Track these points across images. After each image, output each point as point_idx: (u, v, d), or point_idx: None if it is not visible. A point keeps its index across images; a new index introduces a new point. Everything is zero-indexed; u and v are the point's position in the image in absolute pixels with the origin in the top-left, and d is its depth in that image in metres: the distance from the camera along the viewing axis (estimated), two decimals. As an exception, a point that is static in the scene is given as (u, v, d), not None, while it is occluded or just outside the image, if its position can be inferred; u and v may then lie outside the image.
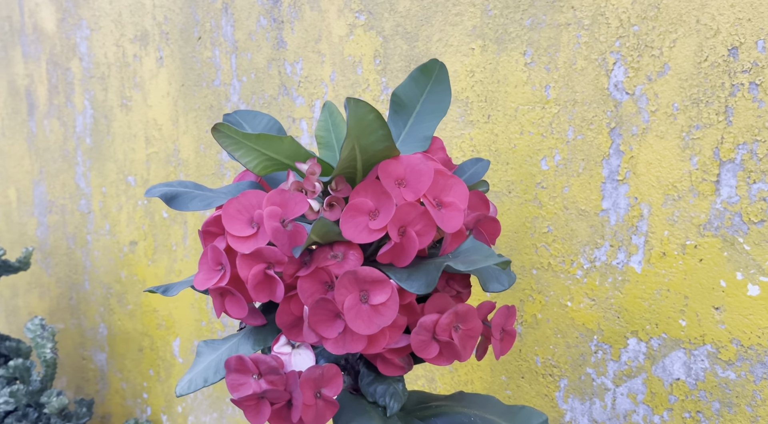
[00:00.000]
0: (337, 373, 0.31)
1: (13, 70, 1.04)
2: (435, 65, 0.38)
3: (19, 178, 1.08)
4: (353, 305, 0.29)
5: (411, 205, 0.30)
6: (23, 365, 0.79)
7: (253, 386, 0.30)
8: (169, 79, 0.80)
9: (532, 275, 0.55)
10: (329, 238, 0.30)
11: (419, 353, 0.31)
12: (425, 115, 0.37)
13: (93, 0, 0.88)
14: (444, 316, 0.30)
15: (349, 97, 0.27)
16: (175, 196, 0.32)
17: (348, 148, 0.29)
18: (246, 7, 0.71)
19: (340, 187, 0.31)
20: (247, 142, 0.31)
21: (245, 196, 0.30)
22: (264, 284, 0.30)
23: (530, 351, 0.55)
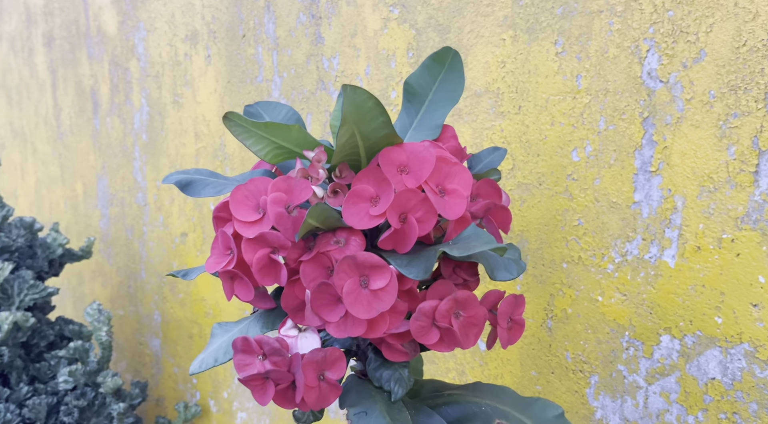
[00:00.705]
0: (340, 356, 0.32)
1: (80, 70, 1.11)
2: (448, 53, 0.38)
3: (85, 172, 1.14)
4: (352, 289, 0.30)
5: (411, 191, 0.30)
6: (82, 346, 0.84)
7: (257, 367, 0.31)
8: (216, 76, 0.83)
9: (562, 268, 0.53)
10: (330, 223, 0.30)
11: (419, 338, 0.31)
12: (437, 103, 0.37)
13: (149, 2, 0.93)
14: (443, 302, 0.30)
15: (345, 84, 0.28)
16: (190, 183, 0.34)
17: (346, 135, 0.29)
18: (287, 5, 0.73)
19: (344, 175, 0.32)
20: (257, 130, 0.32)
21: (252, 182, 0.32)
22: (268, 268, 0.31)
23: (560, 346, 0.54)
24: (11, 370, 0.85)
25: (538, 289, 0.55)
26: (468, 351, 0.61)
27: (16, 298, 0.84)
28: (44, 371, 0.87)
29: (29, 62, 1.26)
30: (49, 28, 1.17)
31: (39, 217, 1.31)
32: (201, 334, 0.93)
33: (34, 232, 0.90)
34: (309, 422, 0.36)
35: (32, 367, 0.87)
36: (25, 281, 0.83)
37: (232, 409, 0.91)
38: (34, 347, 0.89)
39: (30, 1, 1.22)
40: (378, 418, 0.32)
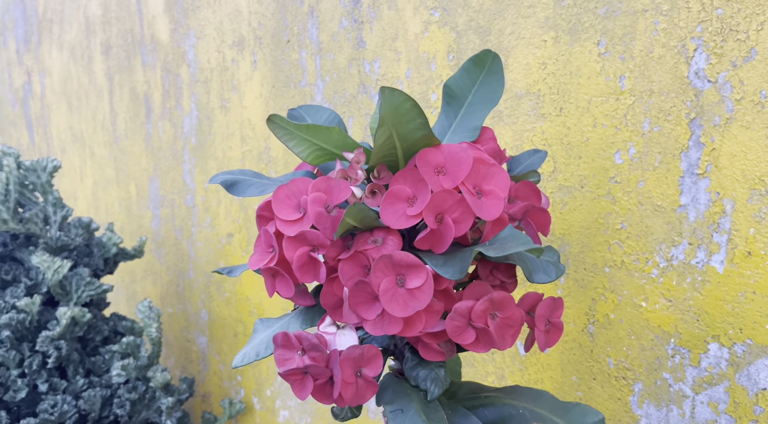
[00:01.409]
0: (377, 354, 0.32)
1: (134, 77, 1.15)
2: (488, 56, 0.38)
3: (138, 175, 1.19)
4: (389, 288, 0.30)
5: (447, 192, 0.31)
6: (134, 342, 0.88)
7: (297, 361, 0.32)
8: (261, 81, 0.85)
9: (604, 273, 0.53)
10: (368, 223, 0.31)
11: (455, 338, 0.31)
12: (476, 105, 0.37)
13: (199, 10, 0.96)
14: (479, 302, 0.30)
15: (384, 87, 0.28)
16: (234, 183, 0.35)
17: (384, 136, 0.30)
18: (329, 10, 0.74)
19: (382, 175, 0.32)
20: (298, 132, 0.33)
21: (294, 183, 0.33)
22: (308, 266, 0.32)
23: (602, 352, 0.53)
24: (69, 363, 0.89)
25: (580, 293, 0.55)
26: (508, 355, 0.61)
27: (74, 294, 0.88)
28: (99, 365, 0.91)
29: (88, 70, 1.32)
30: (107, 36, 1.23)
31: (96, 217, 1.36)
32: (245, 332, 0.96)
33: (91, 231, 0.95)
34: (347, 419, 0.37)
35: (88, 360, 0.91)
36: (82, 278, 0.87)
37: (274, 407, 0.93)
38: (90, 341, 0.93)
39: (89, 12, 1.28)
40: (414, 416, 0.32)
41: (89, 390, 0.87)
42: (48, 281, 0.85)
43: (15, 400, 0.85)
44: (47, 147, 1.59)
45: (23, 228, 0.84)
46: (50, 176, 0.87)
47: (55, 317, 0.87)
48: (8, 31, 1.74)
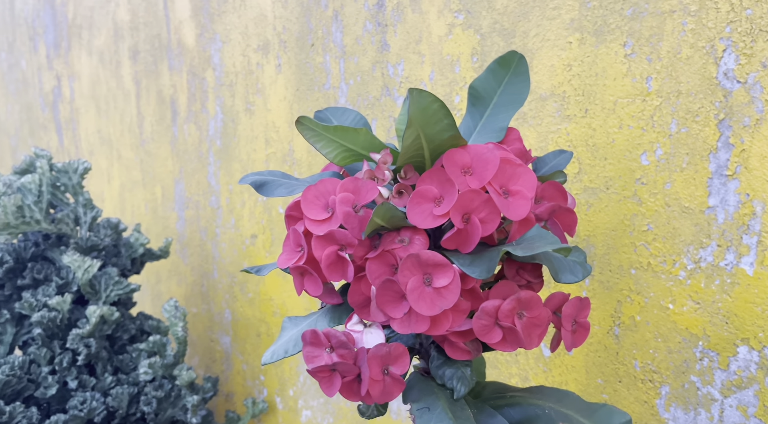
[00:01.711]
0: (404, 352, 0.33)
1: (161, 81, 1.17)
2: (514, 57, 0.38)
3: (164, 177, 1.21)
4: (416, 286, 0.30)
5: (474, 192, 0.31)
6: (160, 341, 0.89)
7: (325, 359, 0.32)
8: (285, 84, 0.87)
9: (630, 274, 0.52)
10: (395, 223, 0.32)
11: (481, 336, 0.31)
12: (502, 106, 0.38)
13: (225, 15, 0.97)
14: (506, 302, 0.30)
15: (412, 88, 0.29)
16: (264, 184, 0.36)
17: (411, 137, 0.30)
18: (353, 13, 0.75)
19: (409, 176, 0.33)
20: (326, 133, 0.34)
21: (322, 183, 0.33)
22: (336, 265, 0.32)
23: (628, 354, 0.53)
24: (97, 360, 0.91)
25: (605, 295, 0.54)
26: (531, 357, 0.61)
27: (103, 293, 0.90)
28: (126, 363, 0.93)
29: (116, 74, 1.35)
30: (135, 41, 1.25)
31: (122, 219, 1.39)
32: (268, 332, 0.97)
33: (119, 232, 0.97)
34: (373, 417, 0.37)
35: (116, 358, 0.93)
36: (110, 277, 0.89)
37: (297, 406, 0.93)
38: (118, 339, 0.95)
39: (118, 17, 1.31)
40: (440, 414, 0.33)
41: (117, 387, 0.88)
42: (78, 280, 0.87)
43: (45, 396, 0.87)
44: (76, 150, 1.63)
45: (55, 228, 0.86)
46: (81, 178, 0.89)
47: (85, 315, 0.89)
48: (39, 36, 1.78)
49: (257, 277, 0.97)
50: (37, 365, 0.89)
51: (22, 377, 0.86)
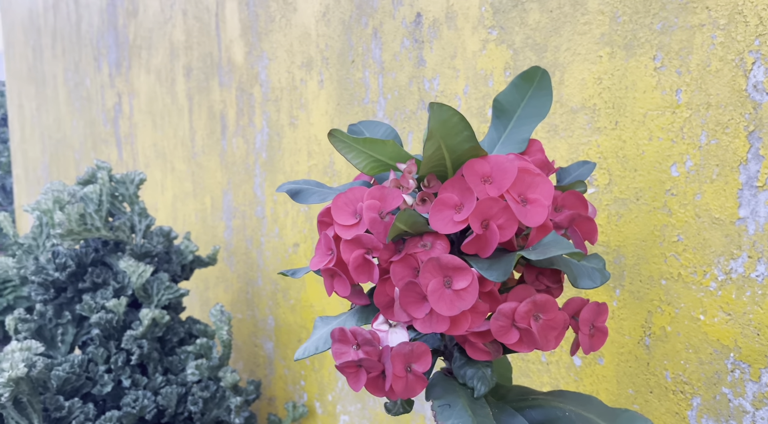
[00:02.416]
0: (426, 351, 0.35)
1: (212, 97, 1.23)
2: (537, 72, 0.40)
3: (213, 188, 1.27)
4: (437, 288, 0.32)
5: (493, 200, 0.33)
6: (207, 344, 0.94)
7: (352, 355, 0.34)
8: (327, 99, 0.90)
9: (660, 285, 0.53)
10: (418, 228, 0.34)
11: (499, 337, 0.33)
12: (525, 119, 0.39)
13: (272, 34, 1.02)
14: (522, 304, 0.32)
15: (433, 102, 0.31)
16: (299, 192, 0.39)
17: (432, 148, 0.32)
18: (392, 31, 0.78)
19: (432, 184, 0.35)
20: (356, 145, 0.37)
21: (351, 191, 0.36)
22: (363, 267, 0.35)
23: (659, 365, 0.53)
24: (149, 361, 0.96)
25: (635, 305, 0.55)
26: (563, 366, 0.61)
27: (155, 297, 0.95)
28: (175, 364, 0.98)
29: (171, 91, 1.42)
30: (188, 60, 1.32)
31: (175, 227, 1.46)
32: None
33: (171, 240, 1.02)
34: (399, 414, 0.39)
35: (166, 360, 0.98)
36: (162, 282, 0.94)
37: (335, 411, 0.96)
38: (168, 342, 1.00)
39: (174, 38, 1.38)
40: (460, 411, 0.34)
41: (166, 387, 0.93)
42: (133, 284, 0.92)
43: (101, 393, 0.93)
44: (133, 162, 1.72)
45: (113, 235, 0.92)
46: (137, 188, 0.95)
47: (138, 317, 0.94)
48: (102, 56, 1.89)
49: (299, 284, 1.00)
50: (95, 363, 0.95)
51: (81, 375, 0.92)
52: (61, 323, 0.97)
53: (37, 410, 0.79)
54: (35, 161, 3.01)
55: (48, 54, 2.55)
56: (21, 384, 0.73)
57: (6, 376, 0.71)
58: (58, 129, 2.50)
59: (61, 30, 2.31)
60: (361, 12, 0.83)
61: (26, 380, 0.74)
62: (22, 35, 3.04)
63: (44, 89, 2.67)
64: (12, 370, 0.72)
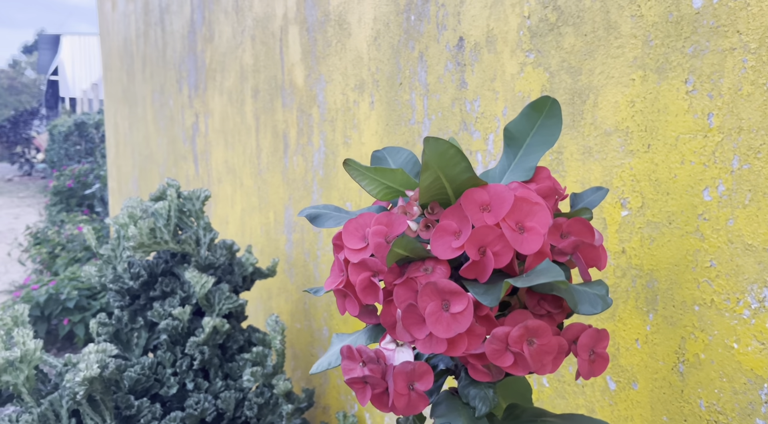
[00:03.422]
0: (428, 370, 0.37)
1: (275, 117, 1.30)
2: (546, 102, 0.41)
3: (276, 203, 1.33)
4: (434, 311, 0.34)
5: (488, 227, 0.34)
6: (262, 352, 0.99)
7: (358, 371, 0.37)
8: (377, 120, 0.94)
9: (693, 311, 0.51)
10: (418, 253, 0.36)
11: (494, 360, 0.34)
12: (533, 147, 0.41)
13: (329, 58, 1.07)
14: (515, 329, 0.33)
15: (428, 137, 0.33)
16: (317, 216, 0.42)
17: (430, 178, 0.34)
18: (436, 54, 0.80)
19: (436, 211, 0.37)
20: (369, 173, 0.39)
21: (361, 217, 0.38)
22: (369, 289, 0.37)
23: (693, 393, 0.52)
24: (210, 366, 1.02)
25: (669, 331, 0.54)
26: (598, 389, 0.61)
27: (216, 306, 1.01)
28: (235, 370, 1.03)
29: (241, 111, 1.51)
30: (256, 82, 1.40)
31: (242, 240, 1.54)
32: (360, 351, 1.03)
33: (233, 252, 1.08)
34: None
35: (226, 365, 1.04)
36: (223, 292, 1.00)
37: (383, 423, 0.98)
38: (229, 349, 1.06)
39: (244, 61, 1.47)
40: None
41: (226, 392, 0.99)
42: (197, 294, 0.99)
43: (168, 395, 1.00)
44: (208, 178, 1.82)
45: (180, 248, 0.99)
46: (202, 204, 1.02)
47: (201, 325, 1.01)
48: (183, 79, 2.03)
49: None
50: (163, 366, 1.02)
51: (150, 377, 0.99)
52: (135, 327, 1.06)
53: (109, 408, 0.87)
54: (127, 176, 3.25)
55: (139, 77, 2.76)
56: (94, 383, 0.81)
57: (81, 376, 0.79)
58: (146, 146, 2.69)
59: (150, 55, 2.49)
60: (409, 36, 0.86)
61: (99, 380, 0.81)
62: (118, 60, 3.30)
63: (135, 109, 2.89)
64: (87, 370, 0.79)
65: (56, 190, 5.59)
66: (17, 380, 0.81)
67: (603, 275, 0.59)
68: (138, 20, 2.68)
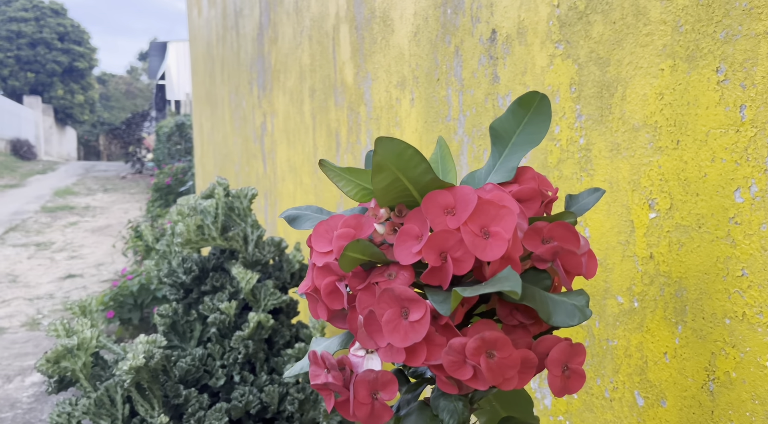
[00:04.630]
0: (392, 379, 0.35)
1: (329, 116, 1.32)
2: (534, 98, 0.38)
3: (329, 201, 1.35)
4: (391, 319, 0.33)
5: (447, 232, 0.32)
6: (304, 347, 1.00)
7: (322, 378, 0.36)
8: (417, 117, 0.92)
9: (724, 324, 0.46)
10: (377, 257, 0.34)
11: (452, 372, 0.32)
12: (518, 146, 0.38)
13: (374, 55, 1.07)
14: (471, 340, 0.31)
15: (380, 137, 0.32)
16: (296, 218, 0.41)
17: (386, 180, 0.33)
18: (471, 48, 0.77)
19: (404, 214, 0.36)
20: (344, 174, 0.38)
21: (332, 219, 0.37)
22: (334, 294, 0.36)
23: (723, 415, 0.47)
24: (256, 360, 1.05)
25: (698, 345, 0.49)
26: (626, 405, 0.56)
27: (262, 302, 1.04)
28: (280, 365, 1.06)
29: (300, 110, 1.54)
30: (312, 81, 1.42)
31: (302, 237, 1.57)
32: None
33: (282, 249, 1.11)
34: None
35: (272, 360, 1.06)
36: (267, 288, 1.03)
37: None
38: (275, 344, 1.08)
39: (303, 61, 1.50)
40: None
41: (270, 386, 1.01)
42: (243, 289, 1.02)
43: (216, 386, 1.04)
44: (274, 176, 1.88)
45: (227, 244, 1.03)
46: (249, 202, 1.05)
47: (247, 320, 1.03)
48: (254, 80, 2.10)
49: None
50: (213, 358, 1.06)
51: (200, 368, 1.03)
52: (190, 320, 1.10)
53: (157, 396, 0.91)
54: (210, 174, 3.41)
55: (218, 79, 2.89)
56: (141, 372, 0.85)
57: (128, 365, 0.83)
58: (225, 145, 2.81)
59: (227, 58, 2.60)
60: (446, 30, 0.83)
61: (145, 370, 0.86)
62: (202, 64, 3.47)
63: (216, 111, 3.03)
64: (133, 360, 0.84)
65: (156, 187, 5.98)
66: (75, 366, 0.87)
67: (630, 281, 0.55)
68: (218, 25, 2.80)
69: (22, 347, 2.82)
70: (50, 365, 0.85)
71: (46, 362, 0.85)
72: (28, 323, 3.19)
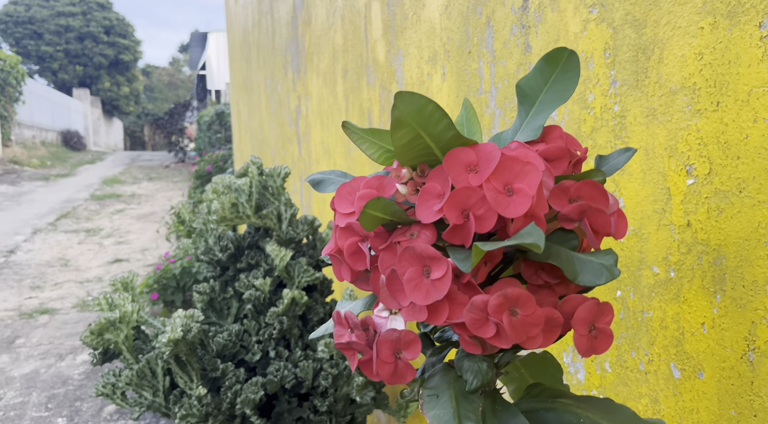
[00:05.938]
0: (415, 339, 0.35)
1: (362, 95, 1.31)
2: (562, 54, 0.37)
3: (363, 181, 1.35)
4: (413, 277, 0.33)
5: (470, 189, 0.32)
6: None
7: (346, 337, 0.36)
8: (448, 92, 0.91)
9: (766, 292, 0.44)
10: (399, 216, 0.34)
11: (473, 330, 0.32)
12: (545, 104, 0.37)
13: (405, 31, 1.05)
14: (493, 297, 0.31)
15: (400, 91, 0.31)
16: (321, 182, 0.41)
17: (407, 137, 0.32)
18: (502, 18, 0.76)
19: (426, 173, 0.35)
20: (367, 136, 0.38)
21: (355, 180, 0.37)
22: (357, 255, 0.36)
23: (764, 386, 0.45)
24: (291, 336, 1.06)
25: (738, 314, 0.47)
26: (662, 377, 0.55)
27: (296, 279, 1.05)
28: (314, 341, 1.07)
29: (333, 91, 1.54)
30: (345, 62, 1.42)
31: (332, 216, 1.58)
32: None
33: (315, 228, 1.11)
34: (414, 400, 0.40)
35: (306, 336, 1.08)
36: (301, 266, 1.04)
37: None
38: (309, 320, 1.10)
39: (335, 42, 1.50)
40: (445, 403, 0.34)
41: (304, 361, 1.02)
42: (277, 267, 1.03)
43: (252, 361, 1.06)
44: (309, 158, 1.89)
45: (261, 222, 1.04)
46: (282, 181, 1.06)
47: (281, 296, 1.05)
48: (288, 64, 2.11)
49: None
50: (249, 334, 1.08)
51: (236, 343, 1.06)
52: (226, 297, 1.13)
53: (195, 369, 0.94)
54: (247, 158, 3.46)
55: (254, 65, 2.92)
56: (179, 345, 0.88)
57: (167, 337, 0.86)
58: (261, 130, 2.85)
59: (263, 43, 2.62)
60: (477, 1, 0.82)
61: (183, 342, 0.88)
62: (239, 51, 3.51)
63: (252, 96, 3.06)
64: (172, 332, 0.86)
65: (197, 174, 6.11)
66: (117, 338, 0.90)
67: (666, 251, 0.53)
68: (254, 11, 2.82)
69: (73, 327, 2.94)
70: (94, 337, 0.89)
71: (90, 335, 0.89)
72: (78, 305, 3.32)
